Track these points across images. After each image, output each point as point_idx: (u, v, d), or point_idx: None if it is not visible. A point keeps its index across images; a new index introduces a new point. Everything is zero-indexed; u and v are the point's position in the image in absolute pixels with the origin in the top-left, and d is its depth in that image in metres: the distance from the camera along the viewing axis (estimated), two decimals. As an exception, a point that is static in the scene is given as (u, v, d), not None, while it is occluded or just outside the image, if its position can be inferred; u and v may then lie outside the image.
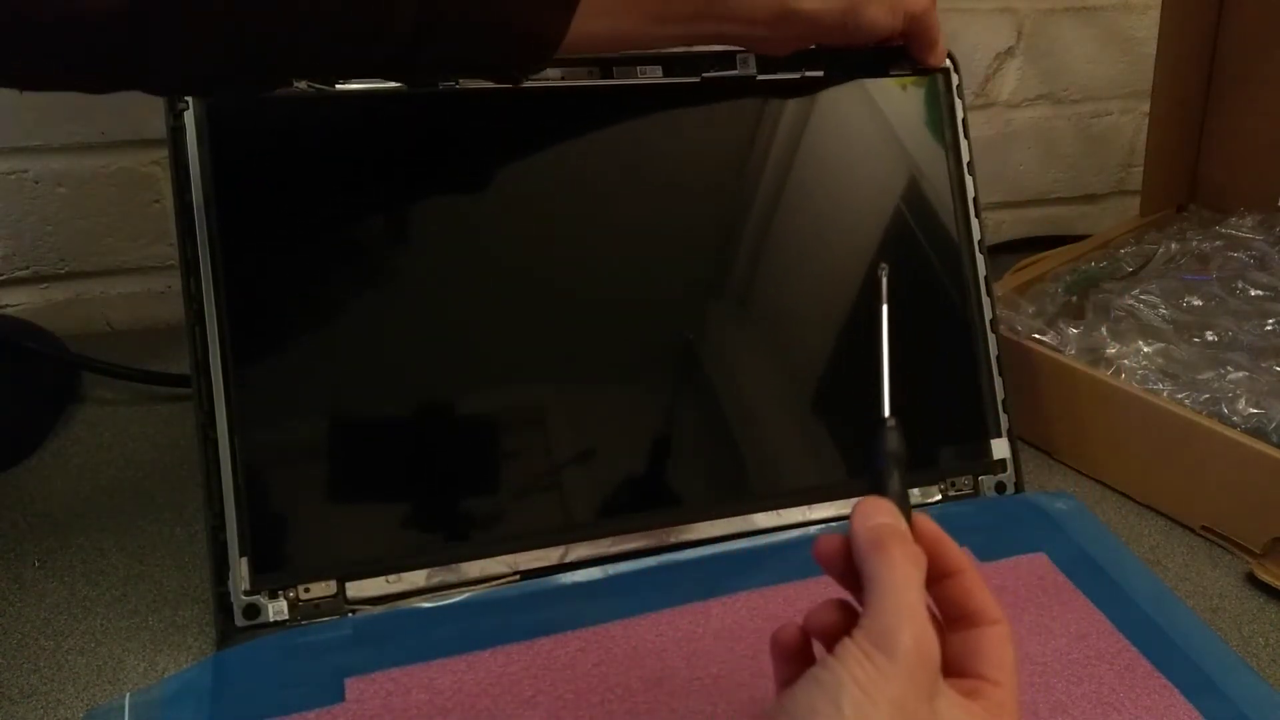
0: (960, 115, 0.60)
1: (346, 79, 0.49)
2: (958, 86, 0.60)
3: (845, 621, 0.32)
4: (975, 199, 0.59)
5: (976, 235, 0.59)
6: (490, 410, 0.51)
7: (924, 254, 0.58)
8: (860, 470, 0.40)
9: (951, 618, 0.33)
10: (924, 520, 0.33)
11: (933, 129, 0.59)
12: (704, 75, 0.55)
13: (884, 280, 0.38)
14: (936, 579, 0.32)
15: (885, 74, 0.59)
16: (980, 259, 0.59)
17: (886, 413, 0.35)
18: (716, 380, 0.55)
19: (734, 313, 0.56)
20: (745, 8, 0.50)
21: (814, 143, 0.57)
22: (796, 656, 0.33)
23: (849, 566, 0.32)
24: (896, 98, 0.59)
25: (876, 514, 0.32)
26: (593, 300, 0.53)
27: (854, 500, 0.33)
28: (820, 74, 0.57)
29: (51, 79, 0.37)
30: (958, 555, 0.33)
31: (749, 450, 0.54)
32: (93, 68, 0.36)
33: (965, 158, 0.59)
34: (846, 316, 0.57)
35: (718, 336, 0.55)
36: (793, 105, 0.57)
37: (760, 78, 0.56)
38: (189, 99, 0.47)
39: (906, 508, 0.33)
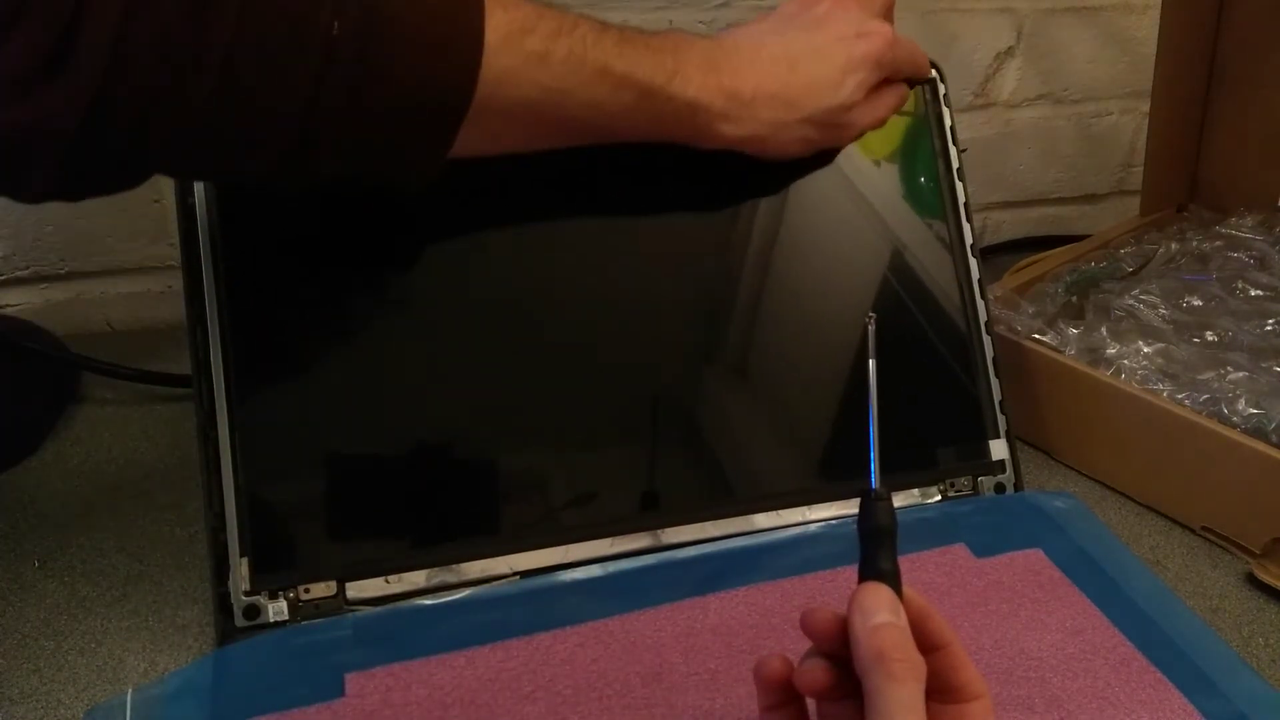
0: (948, 123, 0.60)
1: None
2: (944, 95, 0.60)
3: (834, 684, 0.32)
4: (966, 204, 0.59)
5: (969, 239, 0.59)
6: (491, 411, 0.51)
7: (918, 259, 0.58)
8: (853, 473, 0.40)
9: (935, 689, 0.33)
10: (913, 595, 0.33)
11: (922, 138, 0.60)
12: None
13: (871, 331, 0.36)
14: (923, 652, 0.32)
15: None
16: (973, 262, 0.59)
17: (875, 484, 0.34)
18: (716, 383, 0.55)
19: (733, 318, 0.56)
20: (660, 131, 0.49)
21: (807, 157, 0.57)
22: (779, 688, 0.34)
23: (841, 645, 0.32)
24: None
25: (877, 610, 0.32)
26: (596, 311, 0.54)
27: (850, 503, 0.33)
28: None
29: None
30: (944, 629, 0.33)
31: (748, 452, 0.54)
32: None
33: (955, 164, 0.59)
34: (844, 321, 0.57)
35: (717, 340, 0.56)
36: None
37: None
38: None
39: (898, 585, 0.33)
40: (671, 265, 0.55)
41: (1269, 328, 0.67)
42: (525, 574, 0.49)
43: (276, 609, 0.46)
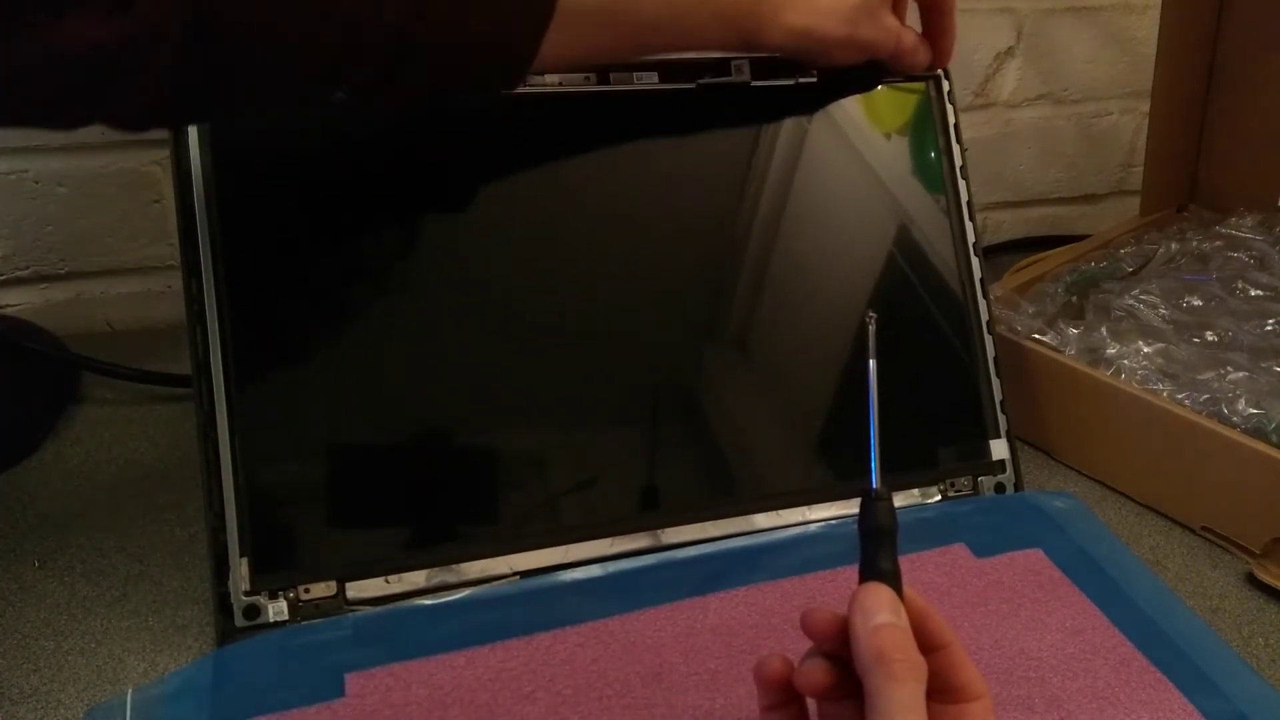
0: (952, 120, 0.60)
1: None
2: (949, 92, 0.60)
3: (834, 684, 0.32)
4: (969, 202, 0.59)
5: (971, 238, 0.59)
6: (491, 411, 0.51)
7: (920, 258, 0.58)
8: (854, 472, 0.40)
9: (935, 689, 0.33)
10: (913, 595, 0.33)
11: (925, 134, 0.60)
12: (699, 82, 0.55)
13: (871, 330, 0.37)
14: (923, 652, 0.32)
15: (879, 79, 0.59)
16: (975, 261, 0.59)
17: (875, 484, 0.34)
18: (716, 383, 0.55)
19: (734, 317, 0.56)
20: (726, 29, 0.51)
21: (808, 150, 0.57)
22: (779, 688, 0.34)
23: (842, 645, 0.32)
24: (890, 104, 0.59)
25: (878, 611, 0.32)
26: (595, 307, 0.53)
27: (851, 503, 0.33)
28: (814, 79, 0.58)
29: (19, 115, 0.37)
30: (944, 629, 0.33)
31: (748, 452, 0.54)
32: (65, 103, 0.36)
33: (958, 162, 0.60)
34: (844, 320, 0.57)
35: (718, 339, 0.55)
36: (787, 112, 0.57)
37: (754, 84, 0.56)
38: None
39: (899, 585, 0.33)
40: (673, 260, 0.55)
41: (1269, 328, 0.67)
42: (525, 574, 0.49)
43: (276, 609, 0.46)
